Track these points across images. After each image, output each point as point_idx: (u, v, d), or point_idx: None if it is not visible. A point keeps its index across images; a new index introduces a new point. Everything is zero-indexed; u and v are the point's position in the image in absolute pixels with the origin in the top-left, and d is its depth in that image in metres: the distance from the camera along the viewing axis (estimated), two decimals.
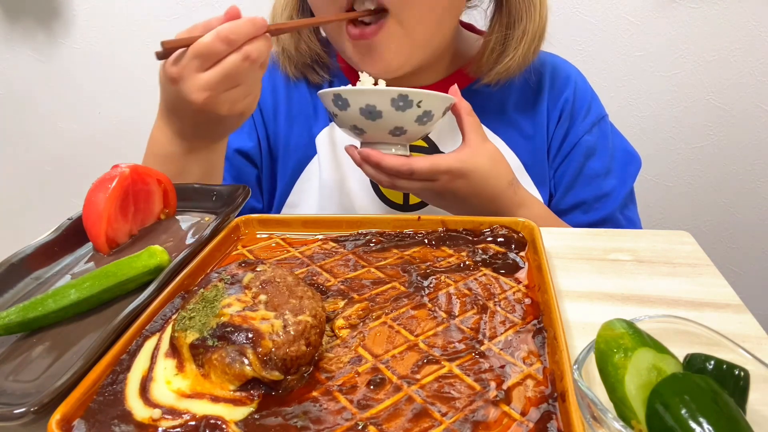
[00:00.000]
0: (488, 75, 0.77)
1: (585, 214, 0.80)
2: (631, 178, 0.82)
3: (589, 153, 0.80)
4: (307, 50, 0.81)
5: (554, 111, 0.81)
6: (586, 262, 0.53)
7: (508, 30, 0.75)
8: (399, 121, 0.62)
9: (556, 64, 0.84)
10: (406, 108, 0.61)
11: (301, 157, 0.83)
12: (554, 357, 0.36)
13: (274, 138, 0.85)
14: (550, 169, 0.82)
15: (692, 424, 0.26)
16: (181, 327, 0.37)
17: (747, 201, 1.42)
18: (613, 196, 0.79)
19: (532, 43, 0.74)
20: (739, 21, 1.27)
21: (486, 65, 0.77)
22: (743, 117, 1.35)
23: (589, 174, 0.80)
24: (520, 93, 0.81)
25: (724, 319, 0.44)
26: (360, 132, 0.65)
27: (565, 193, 0.81)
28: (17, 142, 1.60)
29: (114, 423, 0.33)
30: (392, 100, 0.60)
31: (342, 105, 0.63)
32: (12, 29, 1.48)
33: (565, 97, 0.81)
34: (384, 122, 0.62)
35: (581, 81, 0.84)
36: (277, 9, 0.81)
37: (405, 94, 0.60)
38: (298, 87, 0.84)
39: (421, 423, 0.32)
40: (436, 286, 0.46)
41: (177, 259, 0.49)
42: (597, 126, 0.81)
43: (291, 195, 0.84)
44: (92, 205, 0.54)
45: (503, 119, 0.81)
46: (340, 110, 0.63)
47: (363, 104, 0.61)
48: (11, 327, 0.41)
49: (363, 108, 0.61)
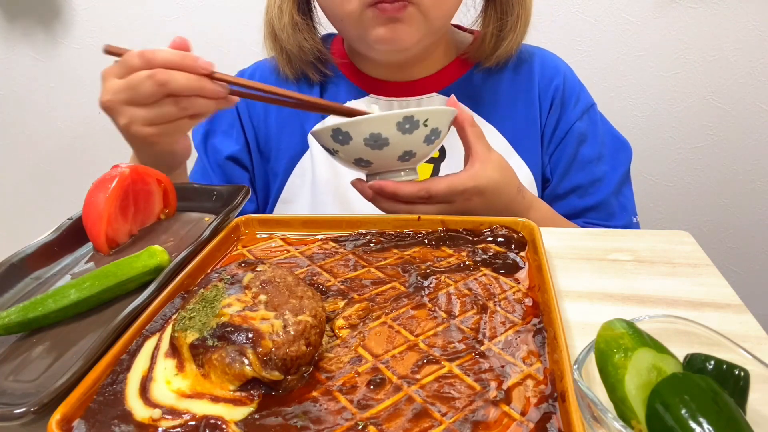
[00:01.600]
0: (489, 59, 0.81)
1: (581, 198, 0.82)
2: (622, 164, 0.84)
3: (582, 139, 0.83)
4: (310, 47, 0.81)
5: (546, 99, 0.83)
6: (586, 262, 0.53)
7: (503, 17, 0.78)
8: (407, 145, 0.59)
9: (545, 56, 0.87)
10: (413, 129, 0.58)
11: (294, 153, 0.84)
12: (554, 357, 0.36)
13: (265, 138, 0.85)
14: (545, 155, 0.84)
15: (692, 424, 0.26)
16: (181, 327, 0.37)
17: (747, 201, 1.42)
18: (606, 181, 0.82)
19: (525, 24, 0.79)
20: (739, 21, 1.27)
21: (487, 50, 0.80)
22: (743, 117, 1.35)
23: (582, 160, 0.82)
24: (512, 82, 0.84)
25: (724, 319, 0.44)
26: (366, 164, 0.61)
27: (561, 178, 0.83)
28: (17, 141, 1.60)
29: (114, 423, 0.33)
30: (398, 124, 0.57)
31: (343, 139, 0.59)
32: (12, 29, 1.48)
33: (555, 86, 0.83)
34: (391, 149, 0.59)
35: (569, 72, 0.87)
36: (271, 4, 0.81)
37: (410, 115, 0.57)
38: (288, 86, 0.85)
39: (421, 423, 0.32)
40: (436, 286, 0.46)
41: (177, 259, 0.49)
42: (587, 114, 0.84)
43: (284, 191, 0.85)
44: (92, 205, 0.54)
45: (497, 108, 0.83)
46: (341, 145, 0.60)
47: (367, 134, 0.58)
48: (11, 327, 0.41)
49: (367, 138, 0.58)
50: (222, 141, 0.84)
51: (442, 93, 0.83)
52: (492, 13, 0.79)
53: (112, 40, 0.65)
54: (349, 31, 0.75)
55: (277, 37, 0.81)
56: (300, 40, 0.80)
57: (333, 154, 0.63)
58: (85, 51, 1.48)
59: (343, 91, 0.84)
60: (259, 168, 0.87)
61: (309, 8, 0.83)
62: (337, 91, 0.84)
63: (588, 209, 0.82)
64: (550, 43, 0.90)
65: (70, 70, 1.50)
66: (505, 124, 0.82)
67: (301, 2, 0.81)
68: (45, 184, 1.64)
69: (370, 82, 0.83)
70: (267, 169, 0.87)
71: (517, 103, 0.83)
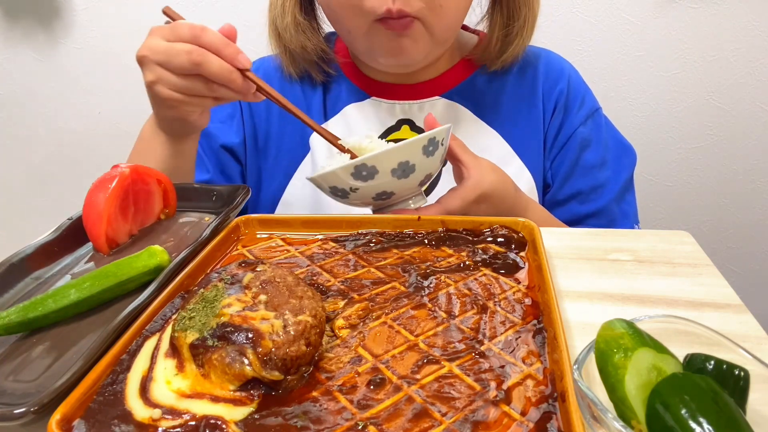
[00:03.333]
0: (495, 63, 0.81)
1: (581, 204, 0.81)
2: (625, 170, 0.83)
3: (584, 144, 0.81)
4: (313, 48, 0.81)
5: (549, 103, 0.82)
6: (586, 262, 0.53)
7: (509, 21, 0.77)
8: (428, 168, 0.58)
9: (550, 58, 0.86)
10: (434, 151, 0.57)
11: (295, 156, 0.84)
12: (554, 357, 0.36)
13: (264, 137, 0.85)
14: (547, 159, 0.83)
15: (692, 424, 0.26)
16: (181, 327, 0.37)
17: (747, 201, 1.42)
18: (608, 187, 0.81)
19: (532, 28, 0.79)
20: (739, 21, 1.27)
21: (493, 54, 0.80)
22: (743, 117, 1.35)
23: (585, 165, 0.81)
24: (516, 85, 0.83)
25: (724, 319, 0.44)
26: (387, 197, 0.58)
27: (562, 184, 0.82)
28: (17, 141, 1.60)
29: (114, 423, 0.33)
30: (423, 148, 0.55)
31: (367, 175, 0.55)
32: (12, 29, 1.48)
33: (559, 89, 0.82)
34: (416, 175, 0.57)
35: (575, 74, 0.86)
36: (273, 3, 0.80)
37: (433, 136, 0.55)
38: (292, 87, 0.85)
39: (421, 423, 0.32)
40: (436, 286, 0.46)
41: (177, 259, 0.49)
42: (591, 118, 0.82)
43: (285, 194, 0.84)
44: (92, 205, 0.54)
45: (499, 111, 0.82)
46: (364, 181, 0.55)
47: (395, 164, 0.55)
48: (11, 327, 0.41)
49: (395, 168, 0.55)
50: (219, 128, 0.84)
51: (446, 96, 0.82)
52: (498, 18, 0.78)
53: (111, 40, 0.66)
54: (356, 44, 0.75)
55: (280, 36, 0.80)
56: (303, 40, 0.80)
57: (348, 194, 0.58)
58: (85, 51, 1.48)
59: (344, 92, 0.84)
60: (253, 165, 0.86)
61: (312, 8, 0.82)
62: (339, 91, 0.84)
63: (588, 216, 0.80)
64: (550, 43, 0.90)
65: (70, 70, 1.50)
66: (508, 129, 0.81)
67: (304, 2, 0.80)
68: (45, 184, 1.64)
69: (372, 84, 0.83)
70: (262, 167, 0.86)
71: (520, 107, 0.82)
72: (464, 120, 0.81)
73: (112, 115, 1.53)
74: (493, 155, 0.70)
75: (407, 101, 0.82)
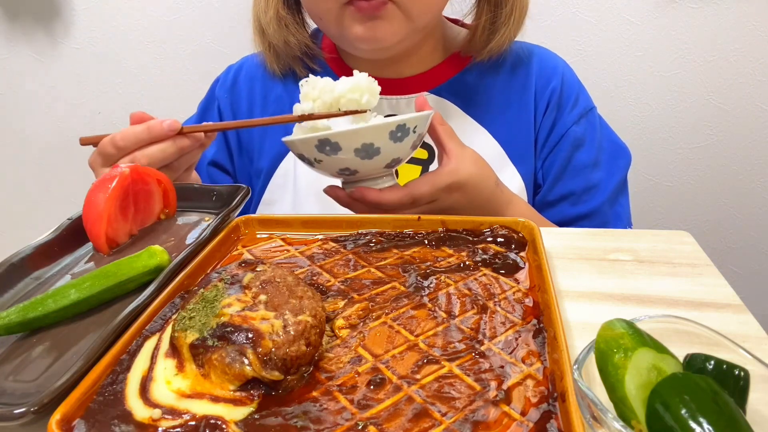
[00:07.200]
0: (481, 53, 0.79)
1: (573, 206, 0.79)
2: (619, 171, 0.81)
3: (577, 144, 0.79)
4: (296, 43, 0.80)
5: (542, 100, 0.80)
6: (586, 262, 0.53)
7: (496, 9, 0.76)
8: (396, 153, 0.59)
9: (543, 55, 0.84)
10: (403, 137, 0.58)
11: (276, 153, 0.83)
12: (554, 357, 0.36)
13: (248, 139, 0.85)
14: (538, 159, 0.81)
15: (692, 424, 0.26)
16: (181, 327, 0.37)
17: (747, 201, 1.42)
18: (601, 188, 0.79)
19: (520, 18, 0.77)
20: (739, 21, 1.27)
21: (479, 44, 0.78)
22: (743, 117, 1.35)
23: (577, 165, 0.79)
24: (507, 83, 0.81)
25: (724, 319, 0.44)
26: (350, 173, 0.60)
27: (553, 184, 0.80)
28: (17, 141, 1.60)
29: (114, 423, 0.33)
30: (390, 133, 0.56)
31: (330, 150, 0.57)
32: (12, 29, 1.48)
33: (552, 87, 0.80)
34: (381, 158, 0.58)
35: (568, 72, 0.84)
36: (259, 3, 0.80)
37: (403, 123, 0.56)
38: (274, 87, 0.84)
39: (421, 423, 0.32)
40: (436, 286, 0.46)
41: (177, 259, 0.49)
42: (585, 117, 0.80)
43: (266, 192, 0.84)
44: (92, 205, 0.54)
45: (490, 109, 0.80)
46: (327, 155, 0.58)
47: (358, 145, 0.56)
48: (11, 327, 0.41)
49: (358, 149, 0.57)
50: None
51: (434, 92, 0.81)
52: (485, 5, 0.77)
53: (111, 40, 0.66)
54: (329, 29, 0.74)
55: (264, 32, 0.80)
56: (286, 35, 0.79)
57: (312, 164, 0.61)
58: (85, 51, 1.48)
59: None
60: (242, 170, 0.86)
61: (296, 2, 0.81)
62: None
63: (581, 217, 0.79)
64: (550, 43, 0.90)
65: (70, 70, 1.50)
66: (498, 127, 0.80)
67: None
68: (45, 184, 1.64)
69: None
70: (251, 171, 0.86)
71: (511, 105, 0.80)
72: (452, 116, 0.80)
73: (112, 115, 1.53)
74: (481, 153, 0.69)
75: (395, 96, 0.81)
